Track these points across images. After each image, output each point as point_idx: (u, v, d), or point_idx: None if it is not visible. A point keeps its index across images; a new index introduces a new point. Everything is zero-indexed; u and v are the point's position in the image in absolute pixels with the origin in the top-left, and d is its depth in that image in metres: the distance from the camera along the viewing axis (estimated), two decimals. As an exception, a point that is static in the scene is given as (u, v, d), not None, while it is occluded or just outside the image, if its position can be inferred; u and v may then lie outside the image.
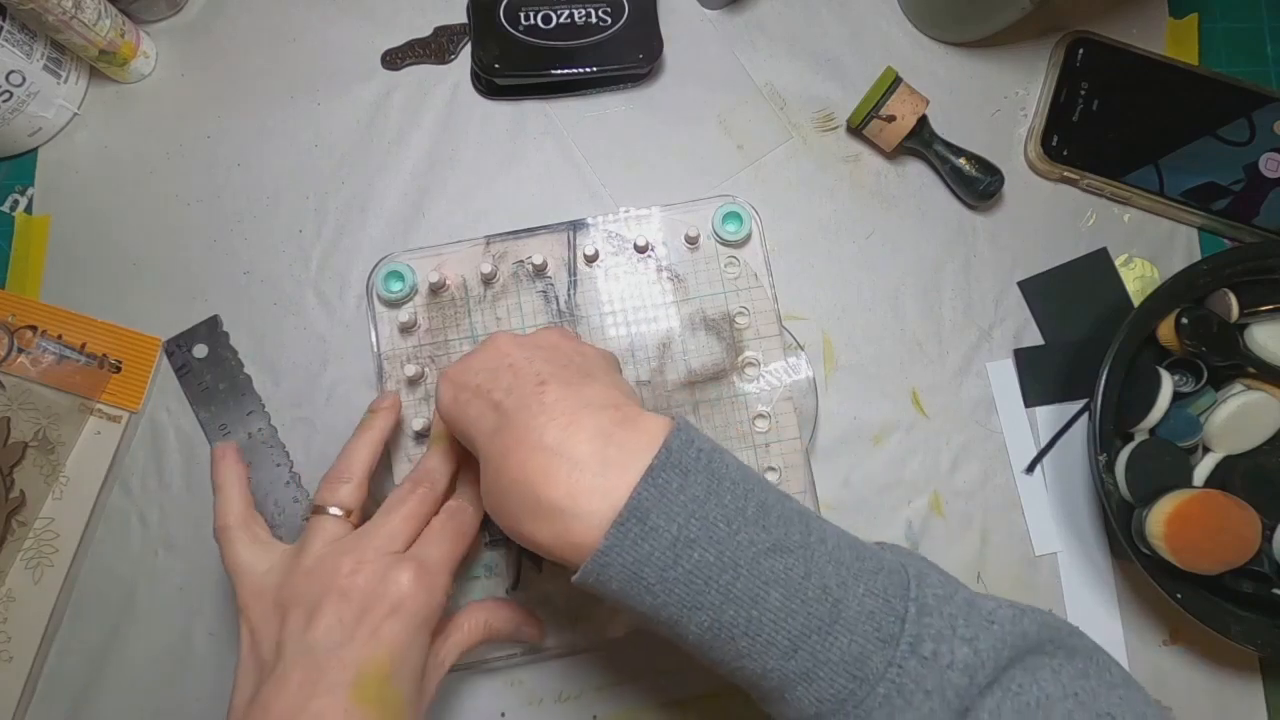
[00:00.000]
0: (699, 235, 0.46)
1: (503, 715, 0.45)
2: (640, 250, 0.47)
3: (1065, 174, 0.51)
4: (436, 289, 0.46)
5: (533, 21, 0.49)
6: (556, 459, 0.30)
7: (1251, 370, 0.46)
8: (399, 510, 0.38)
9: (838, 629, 0.29)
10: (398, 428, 0.44)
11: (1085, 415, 0.48)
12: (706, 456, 0.31)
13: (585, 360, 0.36)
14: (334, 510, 0.38)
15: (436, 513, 0.39)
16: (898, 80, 0.49)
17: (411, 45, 0.52)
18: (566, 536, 0.30)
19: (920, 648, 0.29)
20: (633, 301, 0.47)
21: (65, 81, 0.49)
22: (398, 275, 0.46)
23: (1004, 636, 0.30)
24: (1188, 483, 0.45)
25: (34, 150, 0.50)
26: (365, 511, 0.39)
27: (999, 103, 0.52)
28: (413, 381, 0.46)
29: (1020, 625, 0.31)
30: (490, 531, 0.44)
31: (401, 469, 0.45)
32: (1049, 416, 0.49)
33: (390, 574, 0.35)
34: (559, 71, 0.49)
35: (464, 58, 0.52)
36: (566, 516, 0.30)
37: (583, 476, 0.30)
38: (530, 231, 0.47)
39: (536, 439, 0.31)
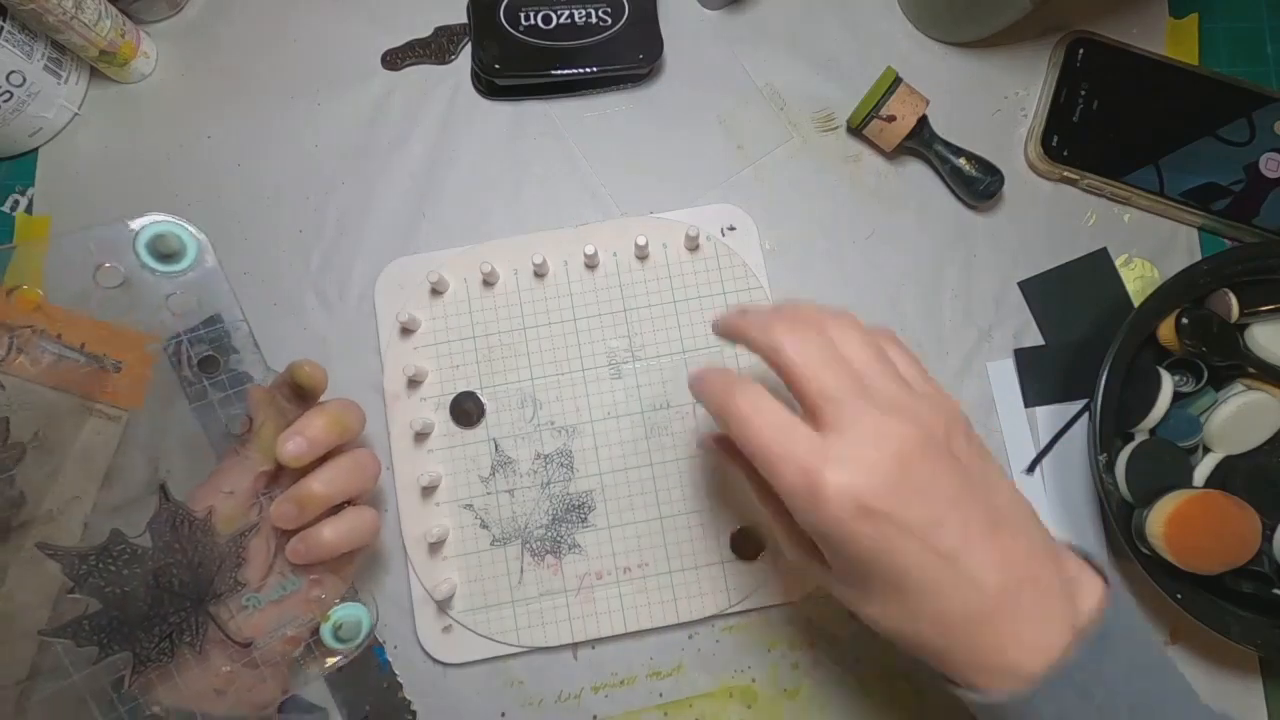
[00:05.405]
0: (699, 235, 0.47)
1: (503, 715, 0.46)
2: (640, 251, 0.47)
3: (1065, 174, 0.51)
4: (438, 291, 0.47)
5: (533, 22, 0.49)
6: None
7: (1251, 370, 0.46)
8: None
9: None
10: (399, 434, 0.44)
11: (1085, 415, 0.48)
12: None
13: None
14: None
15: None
16: (898, 80, 0.48)
17: (411, 45, 0.52)
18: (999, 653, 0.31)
19: None
20: (631, 303, 0.47)
21: (65, 82, 0.49)
22: (175, 241, 0.32)
23: None
24: (1188, 483, 0.45)
25: (34, 150, 0.50)
26: None
27: (999, 103, 0.52)
28: (413, 382, 0.46)
29: None
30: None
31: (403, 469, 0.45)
32: (1049, 416, 0.49)
33: None
34: (559, 72, 0.49)
35: (464, 58, 0.52)
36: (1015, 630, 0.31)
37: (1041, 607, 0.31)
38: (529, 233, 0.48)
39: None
